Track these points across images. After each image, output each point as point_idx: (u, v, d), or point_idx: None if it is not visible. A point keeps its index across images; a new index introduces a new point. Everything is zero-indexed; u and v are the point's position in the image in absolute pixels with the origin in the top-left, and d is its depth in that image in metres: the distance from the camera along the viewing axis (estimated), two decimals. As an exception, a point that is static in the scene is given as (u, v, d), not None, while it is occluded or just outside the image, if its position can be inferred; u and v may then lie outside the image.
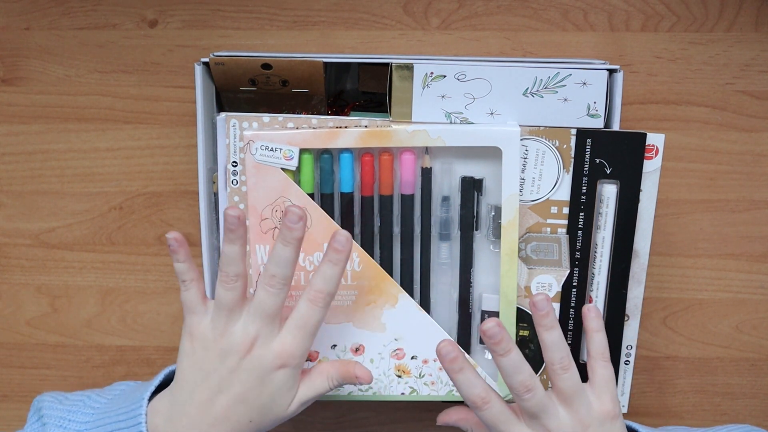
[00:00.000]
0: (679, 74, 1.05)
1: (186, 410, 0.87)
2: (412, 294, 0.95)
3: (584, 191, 0.92)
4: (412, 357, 0.95)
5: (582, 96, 0.91)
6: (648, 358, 1.10)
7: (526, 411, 0.86)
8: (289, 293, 0.89)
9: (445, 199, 0.94)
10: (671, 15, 1.04)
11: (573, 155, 0.91)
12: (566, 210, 0.93)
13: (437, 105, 0.91)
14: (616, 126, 0.92)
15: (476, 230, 0.95)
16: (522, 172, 0.92)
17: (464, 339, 0.96)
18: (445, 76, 0.91)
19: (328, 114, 1.00)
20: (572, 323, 0.95)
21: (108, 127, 1.09)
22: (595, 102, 0.91)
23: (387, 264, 0.95)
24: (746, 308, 1.09)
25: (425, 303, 0.96)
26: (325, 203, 0.93)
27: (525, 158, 0.91)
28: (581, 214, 0.93)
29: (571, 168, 0.92)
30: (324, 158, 0.93)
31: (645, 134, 0.91)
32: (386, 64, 0.92)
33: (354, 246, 0.92)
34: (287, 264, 0.86)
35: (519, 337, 0.94)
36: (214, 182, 0.96)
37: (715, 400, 1.11)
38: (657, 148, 0.91)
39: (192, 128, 1.06)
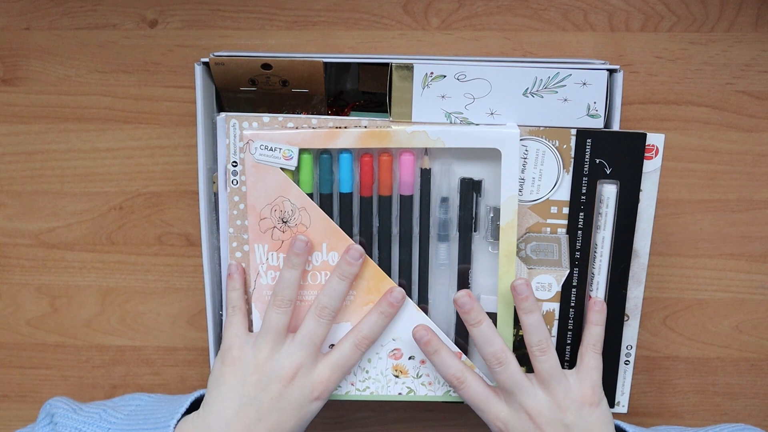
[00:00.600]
0: (679, 74, 1.05)
1: None
2: (411, 294, 0.95)
3: (584, 191, 0.92)
4: (410, 357, 0.95)
5: (582, 96, 0.91)
6: (648, 358, 1.10)
7: (501, 386, 0.90)
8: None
9: (444, 200, 0.94)
10: (671, 15, 1.04)
11: (573, 155, 0.91)
12: (566, 210, 0.93)
13: (437, 105, 0.91)
14: (616, 126, 0.92)
15: (475, 231, 0.95)
16: (522, 172, 0.92)
17: (462, 339, 0.96)
18: (445, 76, 0.91)
19: (328, 114, 1.00)
20: (572, 323, 0.95)
21: (108, 127, 1.09)
22: (595, 102, 0.91)
23: (386, 265, 0.95)
24: (746, 308, 1.09)
25: (423, 303, 0.96)
26: (324, 203, 0.93)
27: (525, 158, 0.91)
28: (581, 214, 0.93)
29: (571, 168, 0.92)
30: (323, 158, 0.93)
31: (645, 134, 0.90)
32: (386, 64, 0.92)
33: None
34: (339, 297, 0.91)
35: (518, 337, 0.94)
36: (214, 182, 0.95)
37: (715, 400, 1.11)
38: (657, 148, 0.91)
39: (192, 128, 1.06)
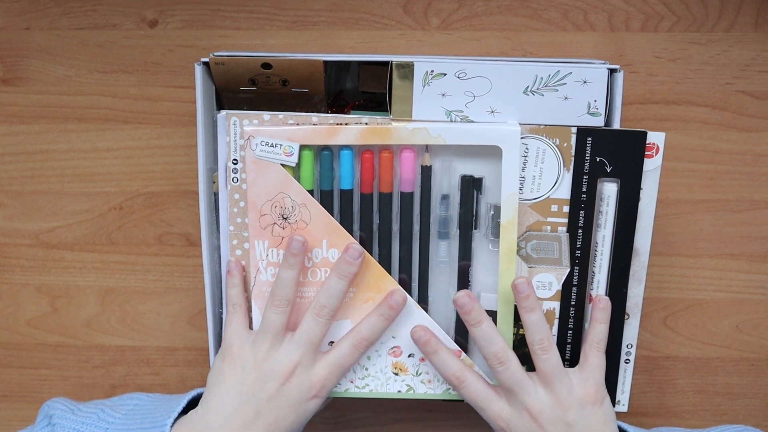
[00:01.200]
0: (679, 74, 1.05)
1: None
2: (411, 292, 0.95)
3: (584, 190, 0.92)
4: (409, 355, 0.95)
5: (582, 94, 0.91)
6: (648, 358, 1.10)
7: (503, 385, 0.90)
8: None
9: (445, 198, 0.94)
10: (671, 15, 1.04)
11: (573, 154, 0.91)
12: (566, 208, 0.93)
13: (437, 103, 0.91)
14: (617, 125, 0.92)
15: (475, 229, 0.95)
16: (522, 171, 0.92)
17: (462, 337, 0.96)
18: (446, 75, 0.91)
19: (328, 113, 1.00)
20: (572, 321, 0.95)
21: (108, 127, 1.09)
22: (596, 100, 0.91)
23: (386, 261, 0.95)
24: (746, 308, 1.09)
25: (423, 301, 0.96)
26: (325, 200, 0.93)
27: (525, 156, 0.91)
28: (581, 213, 0.93)
29: (572, 166, 0.92)
30: (324, 155, 0.93)
31: (645, 133, 0.90)
32: (386, 64, 0.92)
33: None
34: (338, 296, 0.91)
35: (519, 336, 0.94)
36: (214, 182, 0.96)
37: (715, 400, 1.11)
38: (657, 147, 0.91)
39: (192, 128, 1.06)
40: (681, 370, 1.11)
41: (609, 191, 0.92)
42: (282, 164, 0.91)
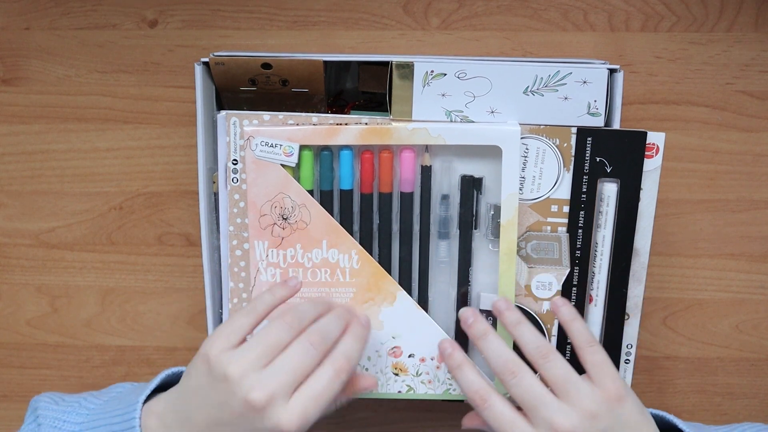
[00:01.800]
0: (679, 74, 1.05)
1: (183, 424, 0.85)
2: (411, 292, 0.95)
3: (584, 190, 0.92)
4: (410, 355, 0.95)
5: (582, 94, 0.91)
6: (648, 358, 1.10)
7: (520, 402, 0.85)
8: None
9: (445, 198, 0.94)
10: (671, 15, 1.04)
11: (573, 154, 0.91)
12: (566, 209, 0.93)
13: (437, 103, 0.91)
14: (617, 125, 0.92)
15: (475, 229, 0.95)
16: (522, 171, 0.92)
17: (462, 338, 0.96)
18: (446, 75, 0.91)
19: (328, 114, 1.00)
20: (572, 322, 0.95)
21: (108, 127, 1.09)
22: (596, 100, 0.91)
23: (385, 262, 0.95)
24: (746, 308, 1.09)
25: (423, 301, 0.96)
26: (325, 200, 0.93)
27: (525, 157, 0.91)
28: (581, 213, 0.93)
29: (572, 166, 0.92)
30: (324, 155, 0.93)
31: (645, 133, 0.91)
32: (386, 64, 0.92)
33: (353, 243, 0.93)
34: (335, 334, 0.86)
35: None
36: (214, 182, 0.96)
37: (715, 400, 1.11)
38: (657, 147, 0.91)
39: (192, 128, 1.06)
40: (681, 370, 1.11)
41: (609, 191, 0.92)
42: (282, 164, 0.91)
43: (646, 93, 1.06)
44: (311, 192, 0.92)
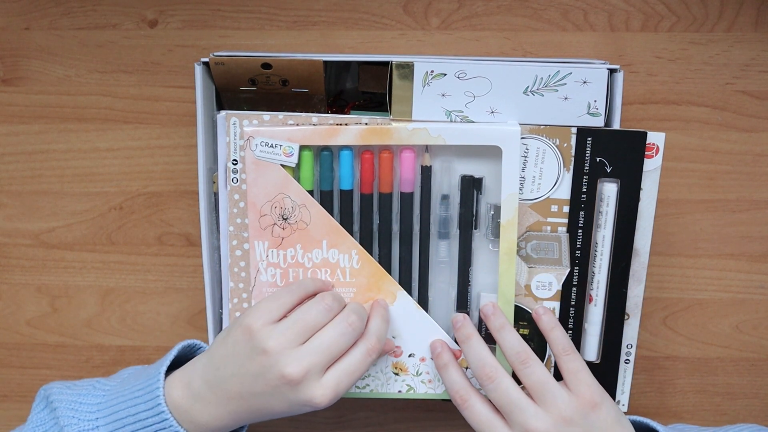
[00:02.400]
0: (679, 74, 1.05)
1: (213, 390, 0.87)
2: (411, 292, 0.95)
3: (584, 190, 0.92)
4: (410, 355, 0.95)
5: (582, 94, 0.91)
6: (648, 358, 1.10)
7: (497, 405, 0.88)
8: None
9: (445, 198, 0.94)
10: (671, 15, 1.04)
11: (573, 154, 0.91)
12: (566, 209, 0.93)
13: (437, 103, 0.91)
14: (617, 125, 0.92)
15: (475, 229, 0.95)
16: (522, 171, 0.92)
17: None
18: (446, 75, 0.91)
19: (328, 113, 1.00)
20: (572, 321, 0.95)
21: (108, 127, 1.09)
22: (596, 100, 0.91)
23: (386, 262, 0.95)
24: (746, 308, 1.09)
25: (423, 301, 0.96)
26: (325, 200, 0.93)
27: (525, 157, 0.91)
28: (581, 213, 0.93)
29: (572, 167, 0.92)
30: (324, 155, 0.93)
31: (645, 133, 0.91)
32: (386, 64, 0.92)
33: (353, 243, 0.93)
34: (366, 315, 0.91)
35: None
36: (214, 182, 0.96)
37: (715, 400, 1.11)
38: (657, 147, 0.91)
39: (192, 128, 1.06)
40: (681, 370, 1.11)
41: (609, 191, 0.92)
42: (282, 165, 0.91)
43: (646, 93, 1.06)
44: (311, 192, 0.92)
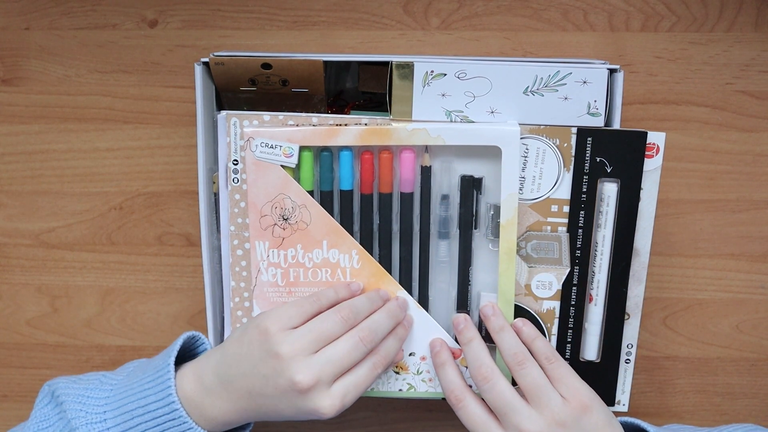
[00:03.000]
0: (679, 74, 1.05)
1: (224, 386, 0.87)
2: (411, 292, 0.95)
3: (585, 190, 0.92)
4: (410, 354, 0.95)
5: (582, 94, 0.91)
6: (648, 358, 1.10)
7: (492, 407, 0.89)
8: (289, 290, 0.94)
9: (445, 198, 0.94)
10: (671, 15, 1.04)
11: (573, 154, 0.91)
12: (567, 208, 0.93)
13: (437, 103, 0.91)
14: (617, 125, 0.92)
15: (475, 229, 0.95)
16: (522, 171, 0.92)
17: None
18: (446, 75, 0.91)
19: (328, 114, 1.00)
20: (572, 321, 0.95)
21: (108, 127, 1.09)
22: (596, 100, 0.91)
23: (386, 262, 0.95)
24: (746, 308, 1.09)
25: (424, 301, 0.96)
26: (325, 201, 0.93)
27: (525, 157, 0.91)
28: (582, 213, 0.93)
29: (572, 166, 0.92)
30: (324, 156, 0.93)
31: (646, 133, 0.91)
32: (386, 64, 0.92)
33: (353, 243, 0.93)
34: (384, 332, 0.91)
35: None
36: (214, 182, 0.96)
37: (715, 400, 1.11)
38: (657, 147, 0.91)
39: (192, 128, 1.06)
40: (681, 370, 1.11)
41: (609, 191, 0.92)
42: (282, 165, 0.91)
43: (646, 93, 1.06)
44: (311, 193, 0.93)
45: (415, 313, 0.94)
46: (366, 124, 0.91)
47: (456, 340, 0.94)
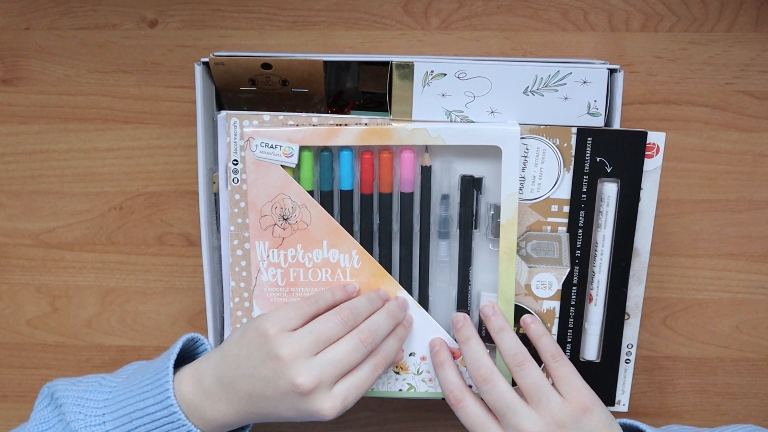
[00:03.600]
0: (679, 74, 1.05)
1: (224, 388, 0.87)
2: (411, 291, 0.95)
3: (585, 190, 0.92)
4: (410, 354, 0.95)
5: (582, 94, 0.91)
6: (648, 358, 1.10)
7: (492, 408, 0.89)
8: (289, 290, 0.94)
9: (445, 198, 0.94)
10: (671, 15, 1.04)
11: (573, 154, 0.91)
12: (567, 208, 0.93)
13: (437, 103, 0.91)
14: (617, 125, 0.92)
15: (475, 229, 0.95)
16: (522, 171, 0.92)
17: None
18: (446, 75, 0.91)
19: (328, 114, 1.00)
20: (572, 321, 0.95)
21: (108, 127, 1.09)
22: (596, 100, 0.91)
23: (386, 262, 0.95)
24: (746, 308, 1.09)
25: (424, 301, 0.96)
26: (325, 201, 0.93)
27: (525, 157, 0.91)
28: (582, 213, 0.93)
29: (572, 166, 0.92)
30: (324, 156, 0.93)
31: (646, 133, 0.91)
32: (386, 64, 0.92)
33: (353, 243, 0.93)
34: (385, 332, 0.91)
35: (518, 335, 0.94)
36: (214, 182, 0.96)
37: (715, 400, 1.11)
38: (658, 147, 0.91)
39: (192, 128, 1.06)
40: (681, 370, 1.11)
41: (609, 191, 0.92)
42: (282, 165, 0.91)
43: (646, 93, 1.06)
44: (311, 193, 0.93)
45: (415, 313, 0.94)
46: (366, 124, 0.91)
47: (455, 339, 0.94)
